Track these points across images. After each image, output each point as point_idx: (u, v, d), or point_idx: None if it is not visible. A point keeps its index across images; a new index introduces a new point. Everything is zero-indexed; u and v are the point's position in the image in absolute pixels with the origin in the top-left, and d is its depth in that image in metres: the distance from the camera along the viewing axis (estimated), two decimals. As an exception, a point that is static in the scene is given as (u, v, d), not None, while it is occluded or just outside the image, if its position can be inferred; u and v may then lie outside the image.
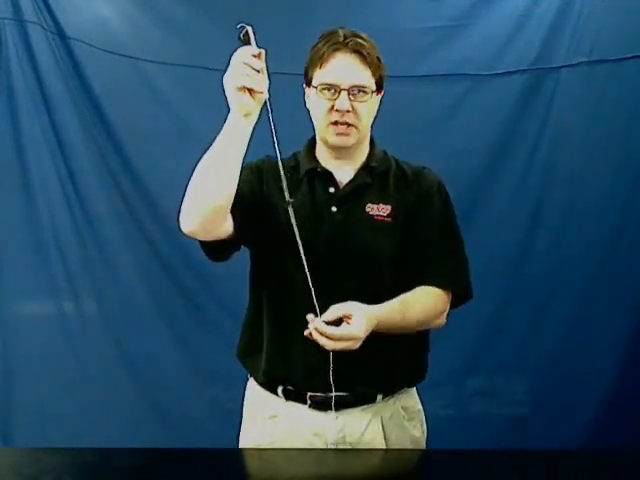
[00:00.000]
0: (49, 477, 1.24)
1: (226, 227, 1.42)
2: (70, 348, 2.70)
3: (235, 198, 1.38)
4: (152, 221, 2.73)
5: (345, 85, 1.43)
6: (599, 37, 2.61)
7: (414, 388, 1.61)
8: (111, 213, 2.71)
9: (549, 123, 2.68)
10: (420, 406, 1.62)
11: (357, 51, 1.44)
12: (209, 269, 2.61)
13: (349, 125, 1.45)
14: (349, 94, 1.43)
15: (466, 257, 1.57)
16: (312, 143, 1.57)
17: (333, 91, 1.44)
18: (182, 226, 1.41)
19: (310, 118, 1.53)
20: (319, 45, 1.47)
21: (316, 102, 1.47)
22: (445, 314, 1.54)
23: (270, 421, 1.53)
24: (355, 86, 1.44)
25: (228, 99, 1.32)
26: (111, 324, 2.72)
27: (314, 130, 1.54)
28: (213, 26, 2.72)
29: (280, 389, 1.50)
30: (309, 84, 1.51)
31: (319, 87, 1.45)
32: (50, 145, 2.65)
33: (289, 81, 2.51)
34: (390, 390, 1.54)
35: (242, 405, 1.65)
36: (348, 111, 1.43)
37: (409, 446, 1.55)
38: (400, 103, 2.30)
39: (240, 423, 1.65)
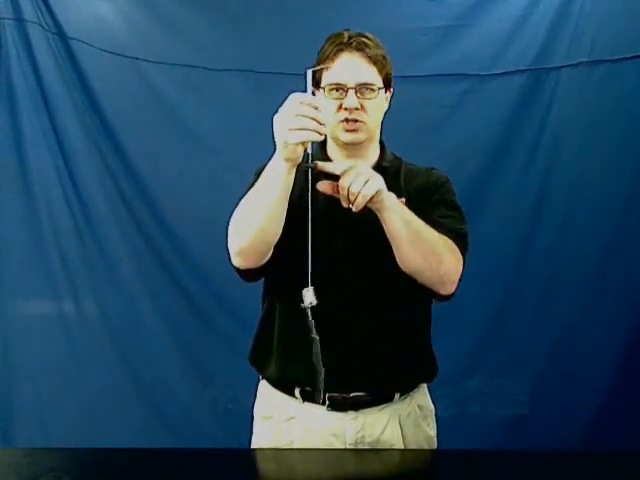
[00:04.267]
0: (49, 477, 1.24)
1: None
2: (70, 348, 2.70)
3: None
4: (152, 221, 2.73)
5: (352, 84, 1.45)
6: (599, 37, 2.62)
7: (426, 388, 1.62)
8: (111, 213, 2.71)
9: (549, 123, 2.68)
10: (432, 406, 1.63)
11: (361, 49, 1.46)
12: (209, 269, 2.64)
13: (358, 122, 1.47)
14: (356, 92, 1.45)
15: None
16: (323, 143, 1.58)
17: (341, 90, 1.46)
18: (235, 263, 1.45)
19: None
20: (325, 47, 1.50)
21: (325, 102, 1.48)
22: (458, 267, 1.47)
23: (286, 423, 1.53)
24: (362, 84, 1.46)
25: (279, 145, 1.30)
26: (111, 324, 2.72)
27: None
28: (213, 26, 2.73)
29: (297, 391, 1.50)
30: (317, 86, 1.51)
31: (327, 87, 1.47)
32: (50, 145, 2.66)
33: (289, 81, 2.52)
34: (407, 388, 1.55)
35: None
36: (356, 109, 1.45)
37: (424, 445, 1.57)
38: (400, 103, 2.31)
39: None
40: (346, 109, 1.45)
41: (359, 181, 1.34)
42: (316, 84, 1.51)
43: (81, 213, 2.70)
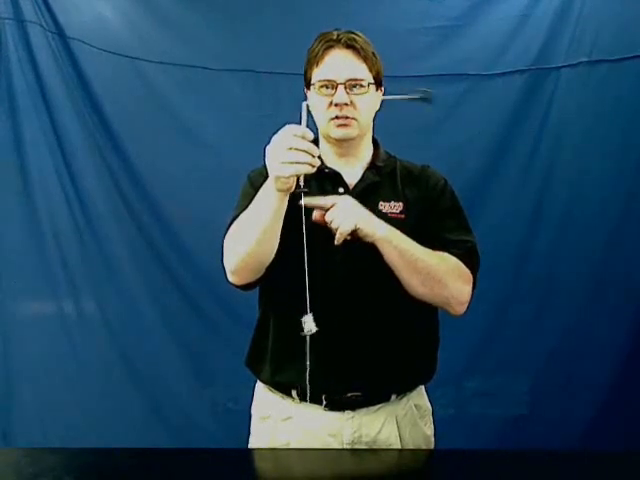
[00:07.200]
0: (49, 477, 1.24)
1: None
2: (70, 348, 2.70)
3: None
4: (152, 221, 2.73)
5: (341, 79, 1.45)
6: (599, 37, 2.61)
7: (423, 387, 1.62)
8: (111, 213, 2.71)
9: (549, 123, 2.68)
10: (429, 405, 1.63)
11: (351, 46, 1.46)
12: (209, 269, 2.63)
13: (349, 118, 1.46)
14: (346, 88, 1.45)
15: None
16: (315, 143, 1.57)
17: (330, 87, 1.45)
18: (231, 280, 1.47)
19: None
20: (314, 45, 1.50)
21: (316, 100, 1.48)
22: (465, 289, 1.47)
23: (283, 423, 1.53)
24: (351, 79, 1.45)
25: (271, 176, 1.30)
26: (111, 324, 2.72)
27: (316, 132, 1.54)
28: (213, 26, 2.73)
29: (295, 391, 1.51)
30: (308, 86, 1.51)
31: (317, 84, 1.47)
32: (50, 145, 2.65)
33: (289, 81, 2.53)
34: (404, 389, 1.55)
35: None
36: (346, 104, 1.44)
37: (422, 444, 1.57)
38: (400, 103, 2.30)
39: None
40: (336, 105, 1.44)
41: (338, 217, 1.36)
42: (307, 84, 1.52)
43: (81, 213, 2.70)
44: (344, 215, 1.37)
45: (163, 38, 2.72)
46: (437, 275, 1.43)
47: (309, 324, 1.34)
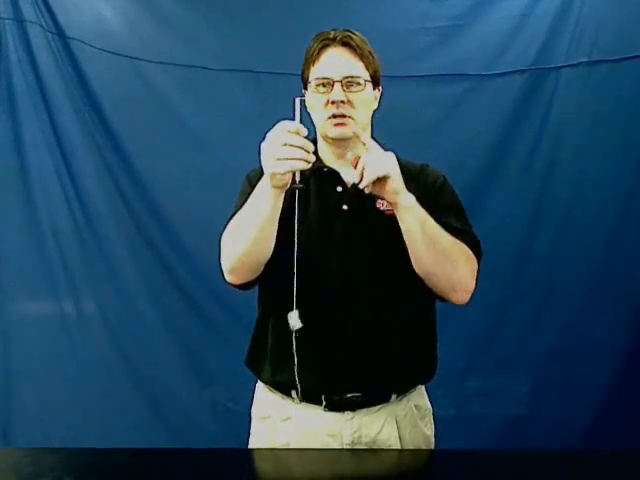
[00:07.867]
0: (49, 477, 1.24)
1: None
2: (70, 348, 2.70)
3: None
4: (152, 221, 2.73)
5: (337, 77, 1.44)
6: (599, 37, 2.62)
7: (424, 387, 1.62)
8: (111, 213, 2.71)
9: (549, 123, 2.68)
10: (430, 405, 1.63)
11: (347, 44, 1.46)
12: (209, 269, 2.62)
13: (346, 116, 1.45)
14: (343, 86, 1.44)
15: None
16: (313, 142, 1.57)
17: (327, 85, 1.45)
18: (228, 279, 1.47)
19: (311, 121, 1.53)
20: (311, 45, 1.50)
21: (313, 99, 1.48)
22: (472, 276, 1.47)
23: (283, 423, 1.53)
24: (347, 77, 1.45)
25: (266, 173, 1.30)
26: (111, 324, 2.72)
27: (314, 132, 1.54)
28: (213, 26, 2.73)
29: (294, 392, 1.50)
30: (306, 86, 1.51)
31: (314, 83, 1.47)
32: (50, 145, 2.66)
33: (289, 81, 2.53)
34: (404, 389, 1.54)
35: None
36: (343, 102, 1.44)
37: (422, 445, 1.56)
38: (400, 103, 2.31)
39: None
40: (333, 102, 1.44)
41: (373, 160, 1.34)
42: (305, 84, 1.51)
43: (81, 213, 2.70)
44: (380, 160, 1.35)
45: (163, 38, 2.72)
46: (451, 255, 1.42)
47: (294, 320, 1.35)
